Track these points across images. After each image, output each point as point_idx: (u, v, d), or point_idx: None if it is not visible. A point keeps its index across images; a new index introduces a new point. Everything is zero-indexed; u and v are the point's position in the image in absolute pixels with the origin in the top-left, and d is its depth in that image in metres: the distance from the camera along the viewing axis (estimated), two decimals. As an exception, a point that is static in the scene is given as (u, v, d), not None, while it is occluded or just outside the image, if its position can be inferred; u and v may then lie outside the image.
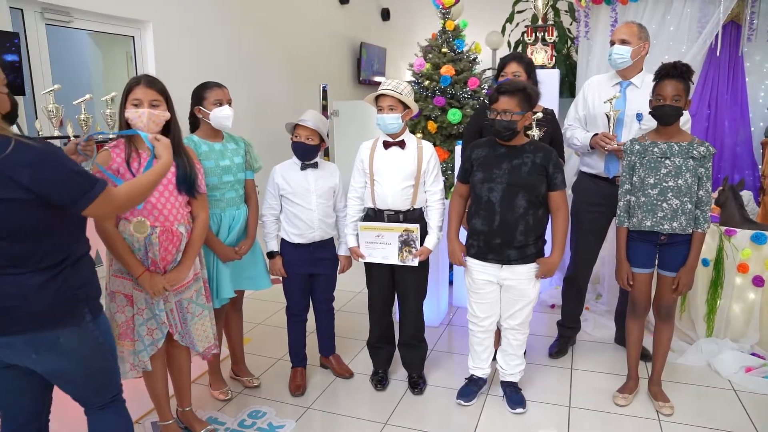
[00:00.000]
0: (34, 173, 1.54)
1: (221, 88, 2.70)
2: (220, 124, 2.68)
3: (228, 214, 2.75)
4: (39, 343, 1.65)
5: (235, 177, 2.76)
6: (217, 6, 6.14)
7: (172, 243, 2.25)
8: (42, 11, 4.37)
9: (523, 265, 2.56)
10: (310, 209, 2.83)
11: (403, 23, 10.78)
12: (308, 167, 2.86)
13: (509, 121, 2.45)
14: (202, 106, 2.68)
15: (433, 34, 4.80)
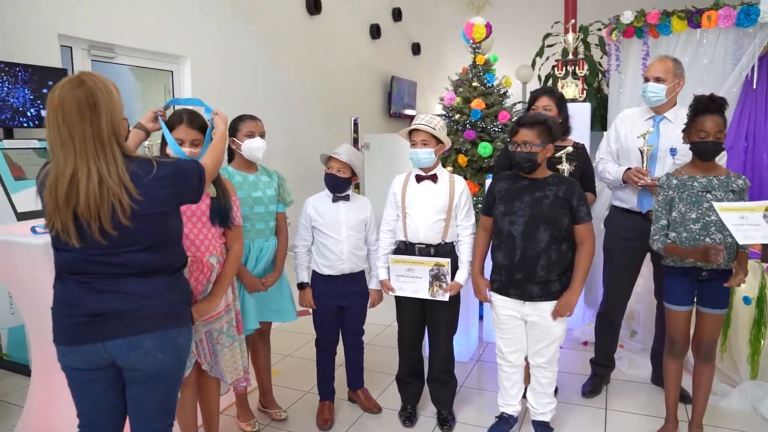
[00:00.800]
0: (176, 184, 1.72)
1: (254, 120, 2.76)
2: (251, 155, 2.73)
3: (256, 245, 2.78)
4: (166, 341, 1.74)
5: (266, 209, 2.80)
6: (252, 42, 6.31)
7: (202, 273, 2.27)
8: (89, 48, 4.56)
9: (546, 302, 2.51)
10: (340, 241, 2.85)
11: (434, 57, 10.91)
12: (339, 199, 2.88)
13: (529, 152, 2.45)
14: (235, 137, 2.75)
15: (464, 68, 4.85)
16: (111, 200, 1.63)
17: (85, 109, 1.62)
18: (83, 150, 1.62)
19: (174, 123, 2.26)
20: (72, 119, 1.61)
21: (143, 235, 1.68)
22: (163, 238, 1.74)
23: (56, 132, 1.62)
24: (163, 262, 1.74)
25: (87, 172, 1.62)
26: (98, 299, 1.67)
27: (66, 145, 1.62)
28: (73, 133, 1.62)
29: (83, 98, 1.62)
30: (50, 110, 1.63)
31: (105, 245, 1.65)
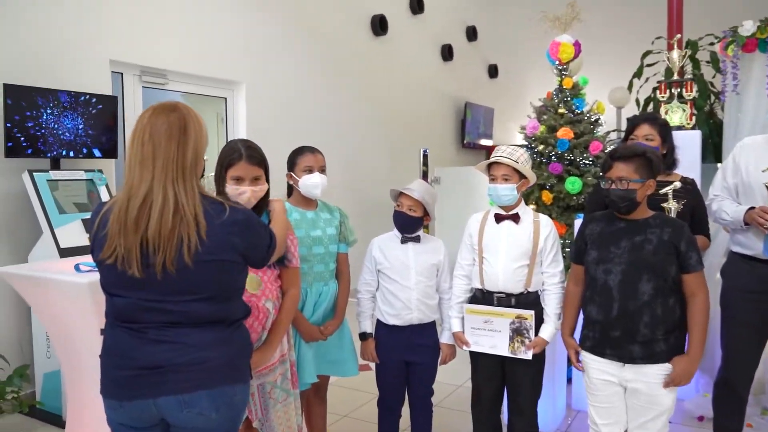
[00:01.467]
0: (244, 233, 1.79)
1: (314, 153, 2.85)
2: (308, 192, 2.81)
3: (315, 290, 2.83)
4: (222, 399, 1.77)
5: (326, 249, 2.85)
6: (311, 66, 6.55)
7: (257, 320, 2.32)
8: (140, 74, 4.86)
9: (651, 365, 2.40)
10: (408, 287, 2.86)
11: (513, 81, 10.95)
12: (409, 241, 2.91)
13: (626, 190, 2.39)
14: (293, 172, 2.84)
15: (549, 92, 4.85)
16: (181, 233, 1.69)
17: (174, 130, 1.74)
18: (163, 171, 1.72)
19: (232, 160, 2.34)
20: (159, 138, 1.73)
21: (203, 282, 1.73)
22: (225, 289, 1.79)
23: (138, 149, 1.74)
24: (222, 314, 1.79)
25: (164, 195, 1.71)
26: (152, 350, 1.72)
27: (146, 163, 1.73)
28: (156, 152, 1.72)
29: (175, 120, 1.75)
30: (138, 128, 1.76)
31: (162, 289, 1.71)
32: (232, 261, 1.78)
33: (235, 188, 2.32)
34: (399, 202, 2.88)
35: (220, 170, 2.37)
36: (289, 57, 6.23)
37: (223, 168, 2.35)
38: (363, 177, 7.22)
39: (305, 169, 2.80)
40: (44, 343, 3.79)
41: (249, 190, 2.31)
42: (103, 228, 1.77)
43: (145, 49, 4.79)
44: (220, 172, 2.37)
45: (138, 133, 1.74)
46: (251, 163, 2.33)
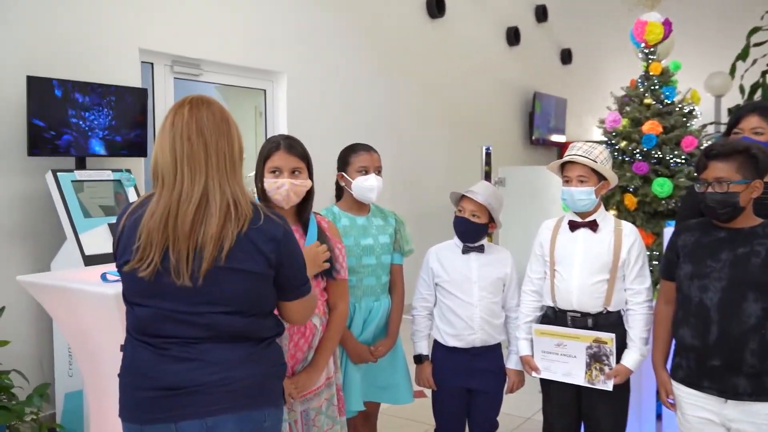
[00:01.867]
0: (279, 248, 1.83)
1: (369, 153, 2.88)
2: (363, 195, 2.84)
3: (364, 305, 2.86)
4: (249, 424, 1.80)
5: (378, 260, 2.88)
6: (360, 54, 6.60)
7: (303, 337, 2.36)
8: (172, 64, 4.99)
9: (762, 403, 2.27)
10: (470, 304, 2.86)
11: (590, 67, 10.82)
12: (471, 251, 2.91)
13: (725, 193, 2.31)
14: (345, 172, 2.88)
15: (632, 80, 4.77)
16: (233, 231, 1.75)
17: (221, 123, 1.81)
18: (218, 169, 1.78)
19: (270, 151, 2.41)
20: (209, 133, 1.79)
21: (233, 293, 1.77)
22: (255, 303, 1.83)
23: (185, 146, 1.77)
24: (251, 330, 1.83)
25: (221, 194, 1.77)
26: (174, 369, 1.76)
27: (196, 161, 1.77)
28: (209, 149, 1.78)
29: (218, 113, 1.82)
30: (179, 123, 1.79)
31: (191, 299, 1.76)
32: (262, 274, 1.81)
33: (273, 181, 2.37)
34: (460, 206, 2.89)
35: (259, 166, 2.43)
36: (335, 44, 6.30)
37: (261, 162, 2.42)
38: (418, 178, 7.23)
39: (360, 169, 2.84)
40: (66, 359, 3.91)
41: (288, 183, 2.36)
42: (131, 234, 1.80)
43: (177, 37, 4.91)
44: (259, 168, 2.43)
45: (182, 129, 1.78)
46: (290, 153, 2.39)
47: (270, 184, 2.38)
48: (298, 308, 1.98)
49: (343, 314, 2.50)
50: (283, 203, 2.38)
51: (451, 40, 7.85)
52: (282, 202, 2.38)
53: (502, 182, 6.75)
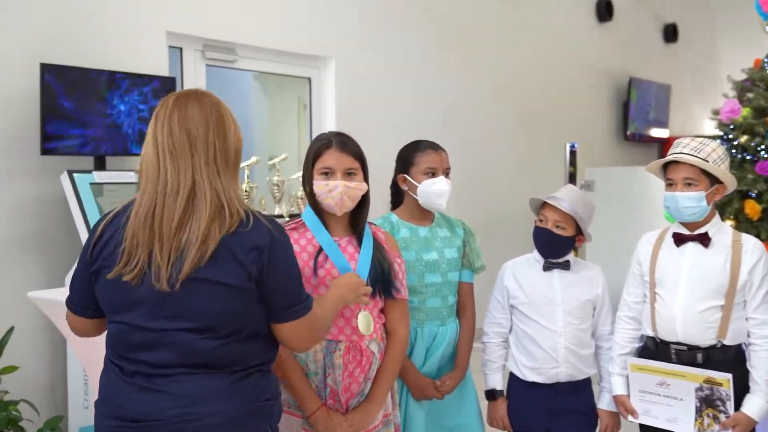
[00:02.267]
0: (261, 258, 1.84)
1: (438, 151, 2.88)
2: (430, 202, 2.84)
3: (428, 331, 2.85)
4: None
5: (444, 278, 2.87)
6: (420, 36, 6.60)
7: (359, 366, 2.37)
8: (203, 49, 5.09)
9: None
10: (553, 331, 2.84)
11: (700, 46, 10.60)
12: (554, 268, 2.89)
13: None
14: (408, 174, 2.88)
15: (757, 60, 4.67)
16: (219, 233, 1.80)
17: (211, 115, 1.88)
18: (207, 162, 1.85)
19: (320, 149, 2.45)
20: (194, 123, 1.86)
21: (199, 307, 1.82)
22: (229, 323, 1.85)
23: (166, 137, 1.85)
24: (226, 354, 1.86)
25: (211, 189, 1.83)
26: (138, 399, 1.83)
27: (181, 152, 1.84)
28: (193, 140, 1.85)
29: (209, 105, 1.89)
30: (162, 114, 1.88)
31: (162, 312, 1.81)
32: (241, 288, 1.83)
33: (324, 183, 2.41)
34: (542, 215, 2.88)
35: (306, 167, 2.48)
36: (392, 25, 6.31)
37: (309, 163, 2.46)
38: (489, 181, 7.20)
39: (427, 171, 2.83)
40: (82, 388, 4.00)
41: (341, 185, 2.39)
42: (111, 241, 1.87)
43: (209, 19, 4.98)
44: (306, 170, 2.48)
45: (163, 120, 1.86)
46: (343, 151, 2.43)
47: (321, 187, 2.41)
48: (292, 332, 1.96)
49: (404, 340, 2.51)
50: (336, 209, 2.41)
51: (529, 18, 7.80)
52: (335, 207, 2.41)
53: (589, 186, 6.69)
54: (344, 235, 2.50)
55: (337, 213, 2.43)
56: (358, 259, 2.45)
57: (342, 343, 2.37)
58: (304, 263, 2.38)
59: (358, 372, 2.37)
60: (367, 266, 2.45)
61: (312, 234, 2.46)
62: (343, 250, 2.46)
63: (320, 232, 2.46)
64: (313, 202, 2.46)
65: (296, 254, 2.37)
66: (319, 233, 2.45)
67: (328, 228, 2.47)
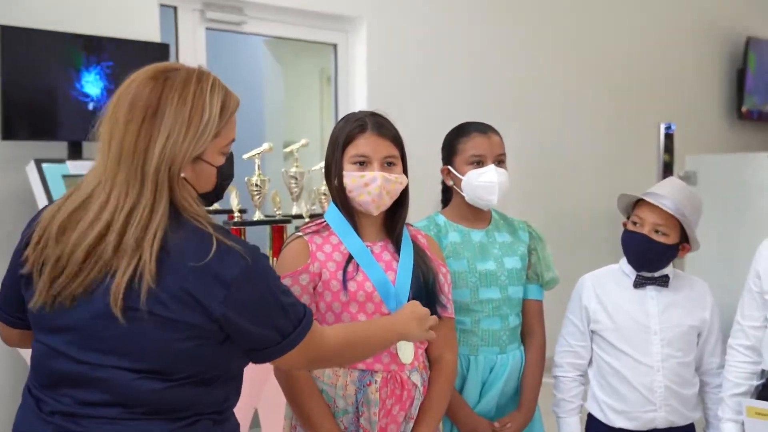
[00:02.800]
0: (229, 297, 1.80)
1: (487, 135, 2.86)
2: (477, 197, 2.82)
3: (483, 360, 2.83)
4: None
5: (504, 293, 2.86)
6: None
7: (399, 403, 2.38)
8: (203, 9, 5.08)
9: None
10: (649, 366, 2.81)
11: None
12: (649, 283, 2.86)
13: None
14: (452, 165, 2.88)
15: None
16: (112, 264, 1.78)
17: (138, 105, 1.84)
18: (117, 163, 1.82)
19: (352, 132, 2.45)
20: (119, 114, 1.84)
21: (136, 343, 1.80)
22: (174, 365, 1.83)
23: (103, 127, 1.86)
24: (175, 398, 1.84)
25: (105, 198, 1.80)
26: None
27: (103, 148, 1.85)
28: (114, 133, 1.83)
29: (149, 90, 1.85)
30: (113, 97, 1.89)
31: (83, 343, 1.81)
32: (195, 325, 1.81)
33: (358, 174, 2.41)
34: (636, 216, 2.84)
35: (333, 155, 2.47)
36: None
37: (338, 150, 2.46)
38: (562, 173, 7.14)
39: (472, 159, 2.82)
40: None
41: (380, 177, 2.39)
42: None
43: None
44: (333, 159, 2.46)
45: (109, 104, 1.87)
46: (381, 135, 2.43)
47: (355, 180, 2.41)
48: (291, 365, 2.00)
49: (452, 368, 2.52)
50: (372, 207, 2.42)
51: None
52: (371, 205, 2.42)
53: (690, 178, 6.59)
54: (378, 240, 2.51)
55: (373, 212, 2.44)
56: (397, 269, 2.45)
57: (378, 374, 2.37)
58: (331, 275, 2.39)
59: (398, 409, 2.38)
60: (408, 277, 2.45)
61: (338, 238, 2.46)
62: (378, 257, 2.46)
63: (349, 236, 2.45)
64: (342, 198, 2.46)
65: (321, 263, 2.38)
66: (348, 237, 2.45)
67: (359, 231, 2.48)
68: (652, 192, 2.82)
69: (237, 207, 3.24)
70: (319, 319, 2.33)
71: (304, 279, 2.37)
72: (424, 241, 2.59)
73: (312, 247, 2.43)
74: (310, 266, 2.39)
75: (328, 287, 2.38)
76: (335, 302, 2.36)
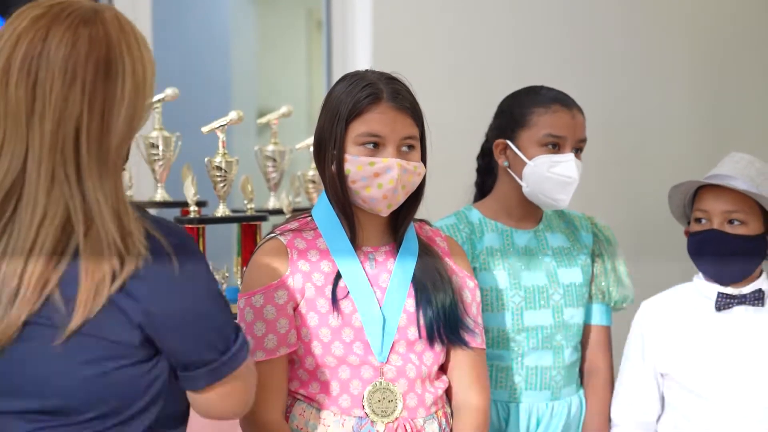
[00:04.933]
0: (149, 295, 1.80)
1: (570, 110, 2.90)
2: (543, 193, 2.85)
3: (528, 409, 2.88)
4: None
5: (559, 317, 2.89)
6: None
7: None
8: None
9: None
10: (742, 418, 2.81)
11: None
12: (736, 302, 2.85)
13: None
14: (513, 140, 2.89)
15: None
16: None
17: (84, 64, 1.79)
18: (53, 146, 1.78)
19: (360, 101, 2.42)
20: (49, 75, 1.77)
21: (30, 376, 1.81)
22: (86, 399, 1.82)
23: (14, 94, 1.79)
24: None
25: (47, 192, 1.76)
26: None
27: (16, 121, 1.79)
28: (41, 103, 1.78)
29: (88, 42, 1.80)
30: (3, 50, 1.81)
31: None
32: (122, 342, 1.82)
33: (368, 161, 2.41)
34: (698, 211, 2.86)
35: (331, 131, 2.45)
36: None
37: (339, 123, 2.44)
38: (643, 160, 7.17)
39: (548, 140, 2.85)
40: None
41: (397, 167, 2.39)
42: None
43: None
44: (331, 135, 2.45)
45: (15, 54, 1.79)
46: (400, 108, 2.42)
47: (362, 167, 2.40)
48: (214, 400, 1.94)
49: (482, 418, 2.52)
50: (383, 205, 2.43)
51: None
52: (381, 202, 2.42)
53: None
54: (381, 244, 2.53)
55: (383, 211, 2.44)
56: (387, 287, 2.45)
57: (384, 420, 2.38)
58: (317, 291, 2.40)
59: None
60: (399, 300, 2.45)
61: (325, 242, 2.46)
62: (380, 267, 2.48)
63: (339, 242, 2.46)
64: (341, 189, 2.44)
65: (304, 275, 2.39)
66: (338, 243, 2.46)
67: (357, 234, 2.48)
68: (715, 174, 2.85)
69: (194, 198, 3.21)
70: (301, 350, 2.37)
71: (281, 296, 2.36)
72: (443, 245, 2.60)
73: (292, 253, 2.42)
74: (289, 279, 2.39)
75: (314, 307, 2.38)
76: (323, 328, 2.35)
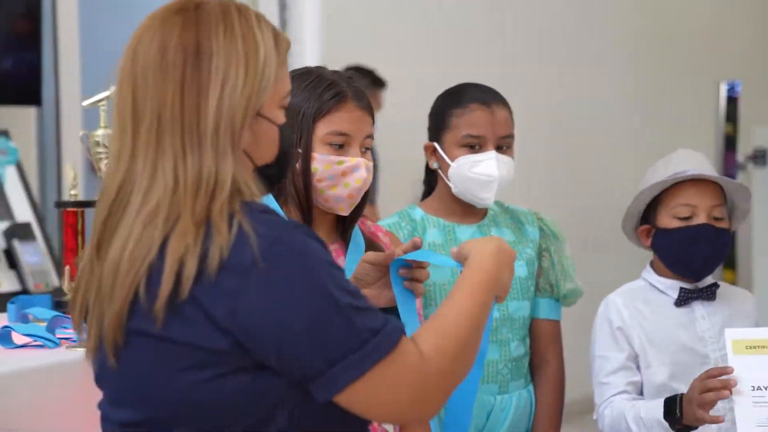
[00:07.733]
0: (236, 304, 1.67)
1: (488, 107, 2.88)
2: (467, 192, 2.86)
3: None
4: None
5: (503, 311, 2.89)
6: None
7: None
8: None
9: None
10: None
11: None
12: (693, 297, 2.88)
13: None
14: (439, 142, 2.90)
15: None
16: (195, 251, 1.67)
17: (174, 54, 1.76)
18: (150, 137, 1.75)
19: (324, 102, 2.44)
20: (144, 72, 1.77)
21: (130, 380, 1.79)
22: (179, 409, 1.76)
23: (115, 98, 1.81)
24: None
25: (149, 179, 1.72)
26: None
27: (123, 125, 1.78)
28: (139, 102, 1.77)
29: (179, 32, 1.78)
30: (124, 55, 1.82)
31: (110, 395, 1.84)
32: (206, 348, 1.71)
33: (336, 160, 2.43)
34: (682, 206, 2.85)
35: (299, 130, 2.44)
36: None
37: (303, 122, 2.45)
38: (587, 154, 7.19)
39: (467, 141, 2.85)
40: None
41: (363, 165, 2.44)
42: None
43: None
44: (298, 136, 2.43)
45: (121, 67, 1.81)
46: (364, 108, 2.48)
47: (330, 166, 2.43)
48: (363, 398, 1.74)
49: None
50: (346, 204, 2.47)
51: None
52: (345, 201, 2.46)
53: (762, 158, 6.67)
54: (331, 242, 2.52)
55: (345, 210, 2.47)
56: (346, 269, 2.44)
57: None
58: None
59: None
60: None
61: None
62: None
63: None
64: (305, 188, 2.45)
65: None
66: None
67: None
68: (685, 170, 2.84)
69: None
70: None
71: None
72: (386, 240, 2.62)
73: None
74: None
75: None
76: None
